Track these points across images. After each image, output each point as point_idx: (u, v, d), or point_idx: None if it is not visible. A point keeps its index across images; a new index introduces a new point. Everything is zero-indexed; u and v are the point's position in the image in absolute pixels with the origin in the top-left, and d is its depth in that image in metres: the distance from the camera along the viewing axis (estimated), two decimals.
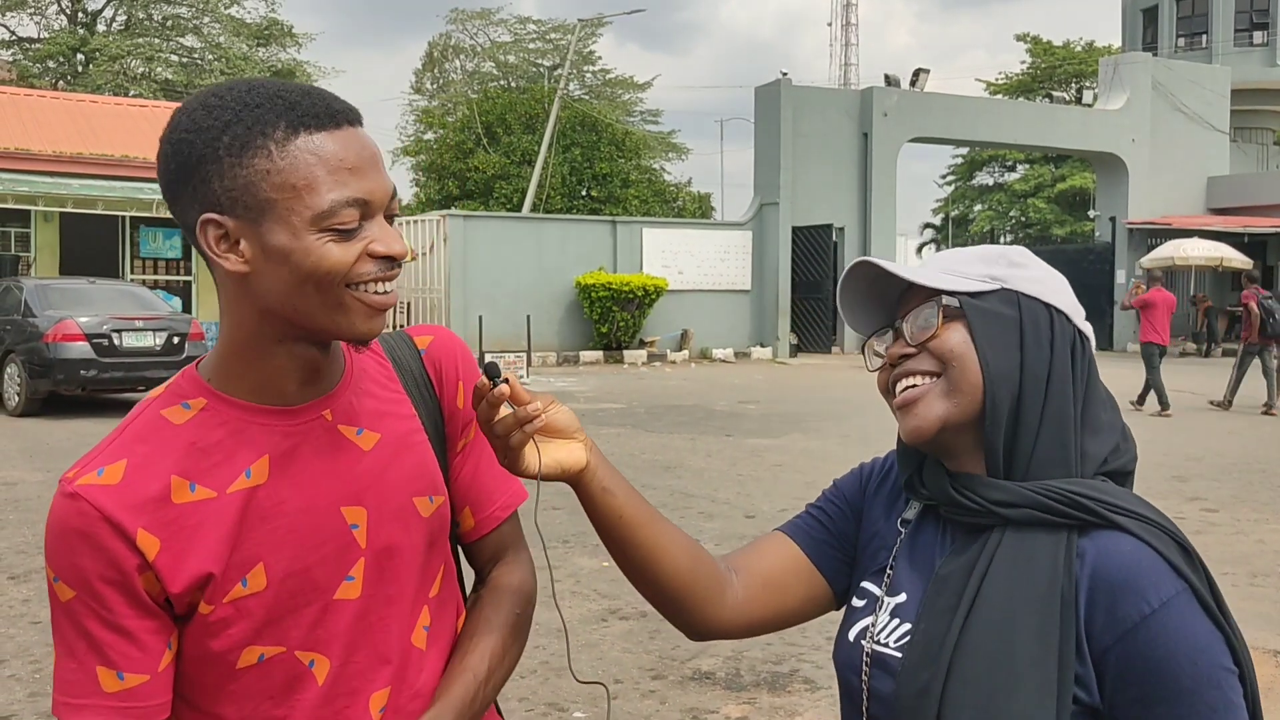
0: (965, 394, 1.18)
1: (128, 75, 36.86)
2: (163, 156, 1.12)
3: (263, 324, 1.13)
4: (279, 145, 1.07)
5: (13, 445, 11.05)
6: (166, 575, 1.11)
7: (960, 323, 1.20)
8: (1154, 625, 1.06)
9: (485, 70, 43.66)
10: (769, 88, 25.15)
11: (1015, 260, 1.24)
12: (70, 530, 1.09)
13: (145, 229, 21.12)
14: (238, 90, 1.10)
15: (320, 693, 1.18)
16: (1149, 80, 28.56)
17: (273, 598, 1.14)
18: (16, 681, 4.56)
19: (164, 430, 1.15)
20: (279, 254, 1.08)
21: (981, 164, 52.27)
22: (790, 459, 10.45)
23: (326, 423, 1.20)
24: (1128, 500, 1.15)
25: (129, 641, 1.11)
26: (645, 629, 5.27)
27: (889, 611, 1.22)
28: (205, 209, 1.09)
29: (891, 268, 1.23)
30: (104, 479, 1.11)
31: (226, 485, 1.13)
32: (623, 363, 22.47)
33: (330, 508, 1.18)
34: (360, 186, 1.09)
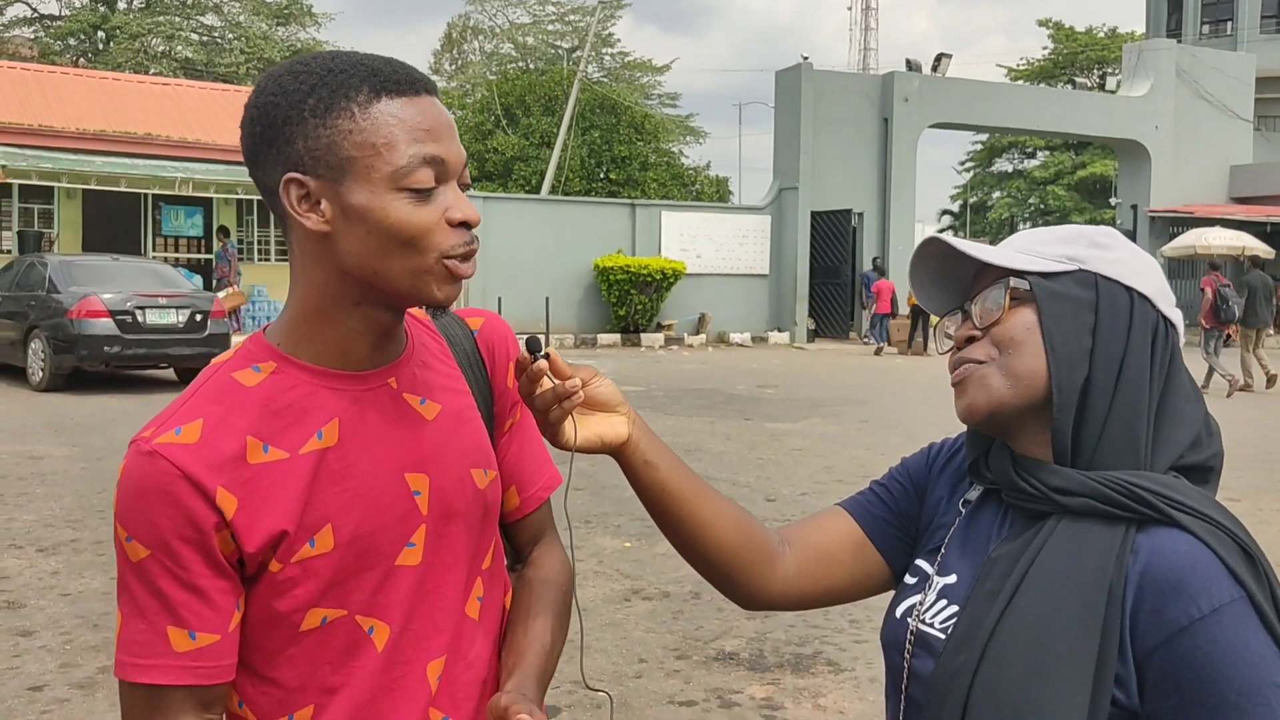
0: (1022, 379, 1.14)
1: (148, 53, 36.94)
2: (248, 120, 1.15)
3: (341, 286, 1.16)
4: (361, 107, 1.11)
5: (38, 420, 11.15)
6: (243, 533, 1.12)
7: (1029, 306, 1.16)
8: (1201, 631, 1.01)
9: (504, 52, 43.59)
10: (790, 72, 25.05)
11: (1098, 241, 1.19)
12: (148, 488, 1.10)
13: (167, 207, 21.22)
14: (322, 59, 1.15)
15: (379, 660, 1.19)
16: (1173, 67, 28.32)
17: (338, 560, 1.16)
18: (47, 652, 4.62)
19: (236, 392, 1.16)
20: (358, 212, 1.11)
21: (1001, 150, 51.94)
22: (809, 443, 10.46)
23: (392, 390, 1.21)
24: (1193, 498, 1.09)
25: (202, 601, 1.11)
26: (669, 609, 5.30)
27: (937, 591, 1.21)
28: (288, 169, 1.12)
29: (961, 246, 1.19)
30: (182, 438, 1.11)
31: (299, 446, 1.15)
32: (640, 346, 22.48)
33: (395, 473, 1.19)
34: (436, 147, 1.13)
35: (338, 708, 1.18)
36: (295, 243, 1.17)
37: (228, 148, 21.31)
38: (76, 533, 6.60)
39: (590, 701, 4.17)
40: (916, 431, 11.32)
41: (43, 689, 4.24)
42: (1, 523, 6.82)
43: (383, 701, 1.19)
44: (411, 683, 1.21)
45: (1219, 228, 26.40)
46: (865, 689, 4.36)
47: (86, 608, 5.21)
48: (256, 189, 1.19)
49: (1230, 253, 26.30)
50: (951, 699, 1.09)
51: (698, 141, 43.98)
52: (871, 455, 9.83)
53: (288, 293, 1.22)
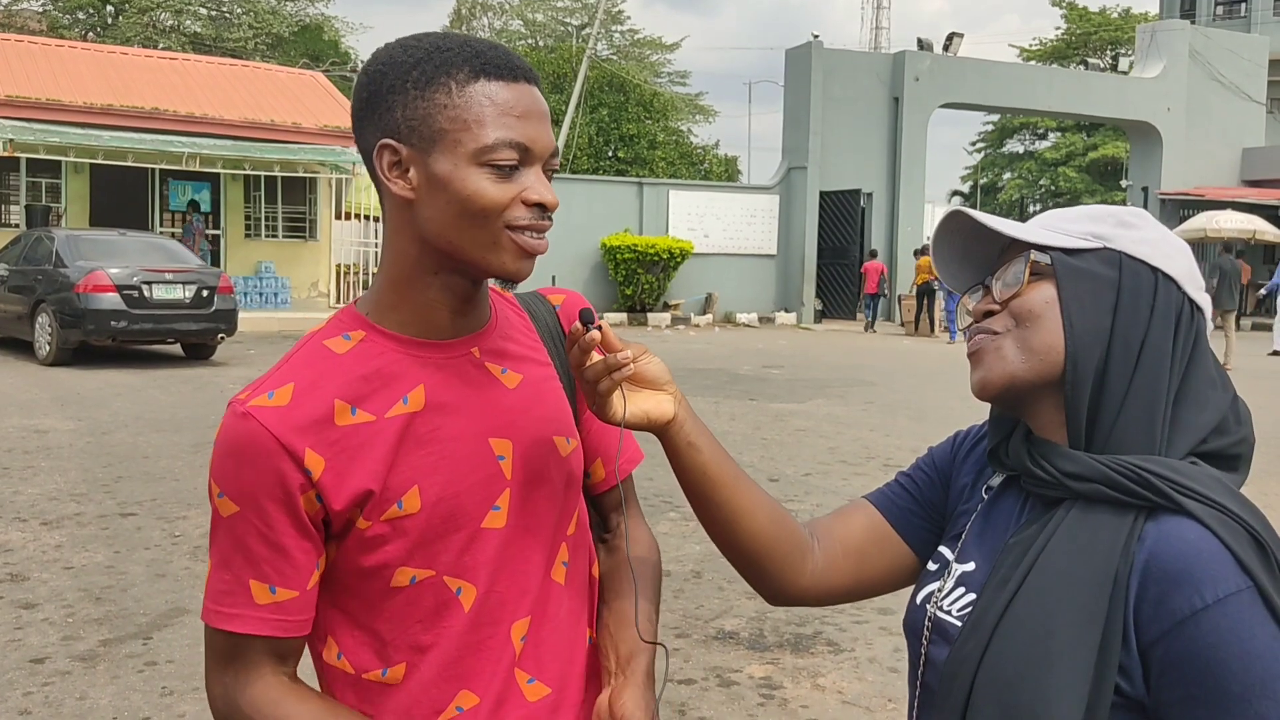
0: (1037, 353, 1.13)
1: (156, 28, 36.86)
2: (358, 86, 1.23)
3: (422, 253, 1.21)
4: (459, 85, 1.17)
5: (44, 394, 11.18)
6: (330, 492, 1.17)
7: (1049, 281, 1.14)
8: (1205, 622, 0.98)
9: (513, 29, 43.42)
10: (800, 50, 24.91)
11: (1127, 220, 1.16)
12: (240, 447, 1.16)
13: (174, 182, 21.20)
14: (433, 37, 1.22)
15: (466, 620, 1.23)
16: (1186, 49, 28.12)
17: (425, 521, 1.20)
18: (50, 625, 4.64)
19: (327, 359, 1.21)
20: (440, 182, 1.17)
21: (1012, 131, 51.66)
22: (814, 424, 10.45)
23: (475, 359, 1.26)
24: (1205, 484, 1.05)
25: (284, 558, 1.17)
26: (669, 588, 5.31)
27: (955, 579, 1.20)
28: (384, 135, 1.18)
29: (985, 220, 1.17)
30: (274, 401, 1.17)
31: (385, 410, 1.20)
32: (647, 325, 22.46)
33: (479, 438, 1.23)
34: (523, 132, 1.17)
35: (428, 666, 1.22)
36: (386, 211, 1.23)
37: (236, 122, 21.28)
38: (81, 506, 6.63)
39: None
40: (923, 413, 11.30)
41: (44, 661, 4.26)
42: (6, 496, 6.85)
43: (469, 660, 1.23)
44: (496, 644, 1.24)
45: (1230, 211, 26.26)
46: (864, 669, 4.37)
47: (89, 581, 5.24)
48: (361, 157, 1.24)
49: (1241, 236, 26.18)
50: (957, 686, 1.08)
51: (707, 120, 43.93)
52: (876, 436, 9.82)
53: (379, 264, 1.27)
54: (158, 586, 5.16)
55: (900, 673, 4.32)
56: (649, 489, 7.22)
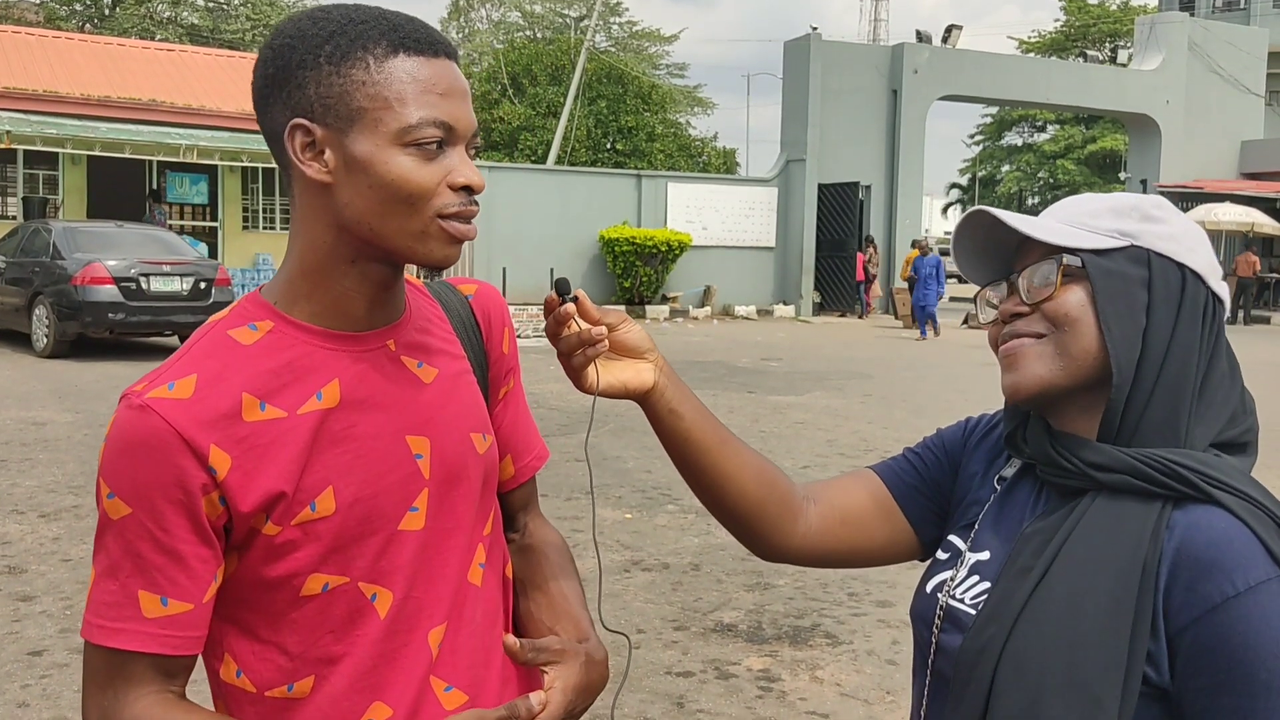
0: (1074, 359, 1.13)
1: (154, 19, 36.76)
2: (261, 61, 1.14)
3: (339, 241, 1.14)
4: (378, 60, 1.10)
5: (42, 386, 11.17)
6: (236, 493, 1.08)
7: (1081, 284, 1.13)
8: (1236, 610, 0.99)
9: (511, 20, 43.31)
10: (798, 43, 24.86)
11: (1150, 214, 1.16)
12: (136, 443, 1.07)
13: (172, 174, 21.15)
14: (344, 9, 1.14)
15: (381, 627, 1.16)
16: (1185, 41, 28.08)
17: (340, 523, 1.13)
18: (48, 618, 4.64)
19: (233, 349, 1.13)
20: (361, 164, 1.10)
21: (1011, 124, 51.61)
22: (812, 416, 10.45)
23: (390, 352, 1.19)
24: (1232, 476, 1.07)
25: (179, 566, 1.08)
26: (668, 580, 5.31)
27: (969, 568, 1.19)
28: (296, 114, 1.11)
29: (1011, 220, 1.16)
30: (175, 393, 1.08)
31: (297, 406, 1.12)
32: (645, 318, 22.44)
33: (397, 436, 1.17)
34: (447, 110, 1.11)
35: (339, 677, 1.15)
36: (296, 195, 1.15)
37: (233, 114, 21.23)
38: (79, 499, 6.62)
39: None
40: (921, 406, 11.30)
41: (42, 654, 4.26)
42: (4, 488, 6.84)
43: (383, 670, 1.17)
44: (412, 651, 1.18)
45: (1229, 203, 26.26)
46: (863, 661, 4.37)
47: (87, 574, 5.21)
48: (264, 137, 1.17)
49: (1239, 228, 26.18)
50: (979, 674, 1.08)
51: (705, 112, 43.74)
52: (874, 429, 9.82)
53: (286, 250, 1.19)
54: None
55: (899, 665, 4.32)
56: (647, 482, 7.20)
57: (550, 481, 7.24)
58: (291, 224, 1.18)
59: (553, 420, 9.62)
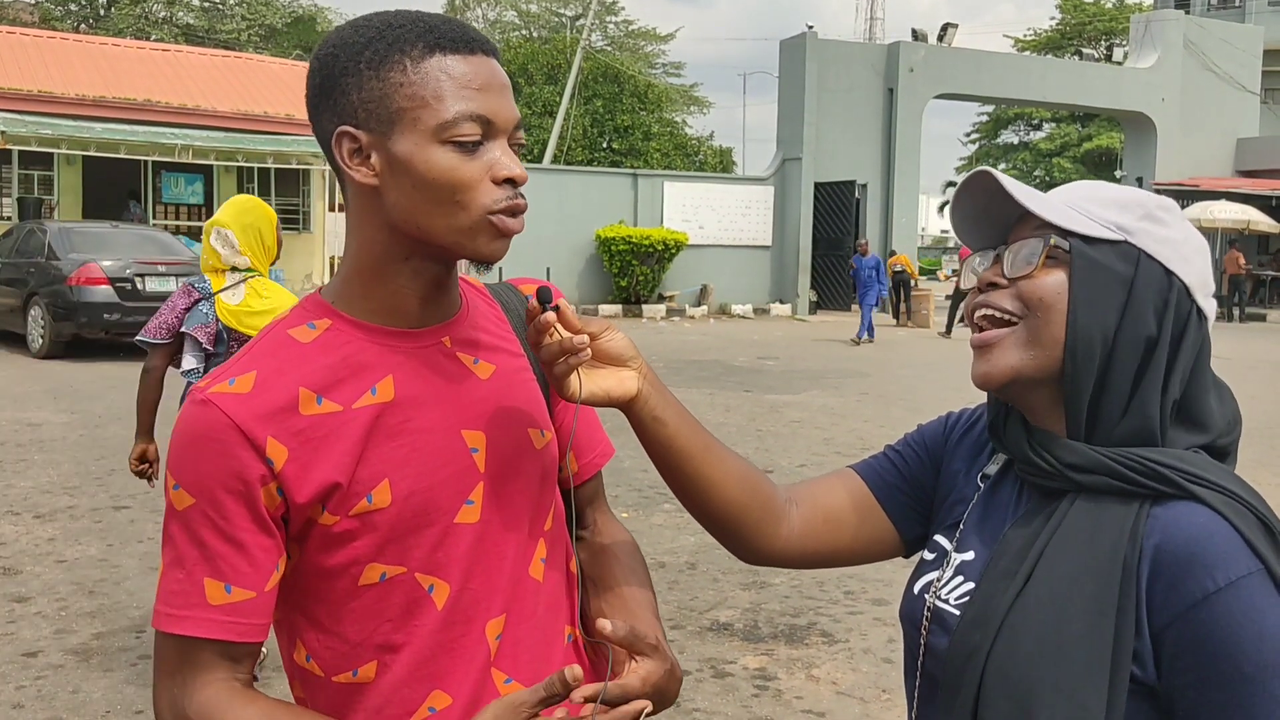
0: (1045, 348, 1.11)
1: (149, 19, 36.72)
2: (310, 73, 1.18)
3: (391, 240, 1.16)
4: (414, 61, 1.12)
5: (37, 387, 11.15)
6: (293, 484, 1.12)
7: (1063, 269, 1.11)
8: (1218, 604, 0.98)
9: (507, 19, 43.31)
10: (794, 41, 24.86)
11: (1154, 214, 1.13)
12: (199, 436, 1.11)
13: (167, 174, 21.14)
14: (384, 15, 1.17)
15: (439, 618, 1.18)
16: (1180, 39, 28.10)
17: (396, 515, 1.15)
18: (43, 619, 4.63)
19: (291, 347, 1.17)
20: (403, 163, 1.12)
21: (1007, 122, 51.63)
22: (809, 415, 10.45)
23: (446, 348, 1.22)
24: (1212, 472, 1.06)
25: (241, 554, 1.11)
26: (663, 579, 5.31)
27: (954, 568, 1.19)
28: (341, 121, 1.14)
29: (1011, 187, 1.13)
30: (235, 388, 1.12)
31: (353, 400, 1.15)
32: (642, 317, 22.44)
33: (452, 430, 1.19)
34: (484, 104, 1.13)
35: (400, 665, 1.18)
36: (350, 198, 1.18)
37: (228, 114, 21.22)
38: (74, 499, 6.61)
39: None
40: (918, 404, 11.30)
41: (37, 655, 4.25)
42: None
43: (442, 660, 1.19)
44: (470, 642, 1.20)
45: (1224, 201, 26.30)
46: (859, 660, 4.37)
47: (82, 574, 5.22)
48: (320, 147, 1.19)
49: (1235, 226, 26.21)
50: (967, 678, 1.08)
51: (701, 111, 43.77)
52: (871, 427, 9.82)
53: (344, 251, 1.23)
54: (150, 580, 5.13)
55: (895, 663, 4.32)
56: (643, 481, 7.19)
57: None
58: (347, 225, 1.21)
59: None
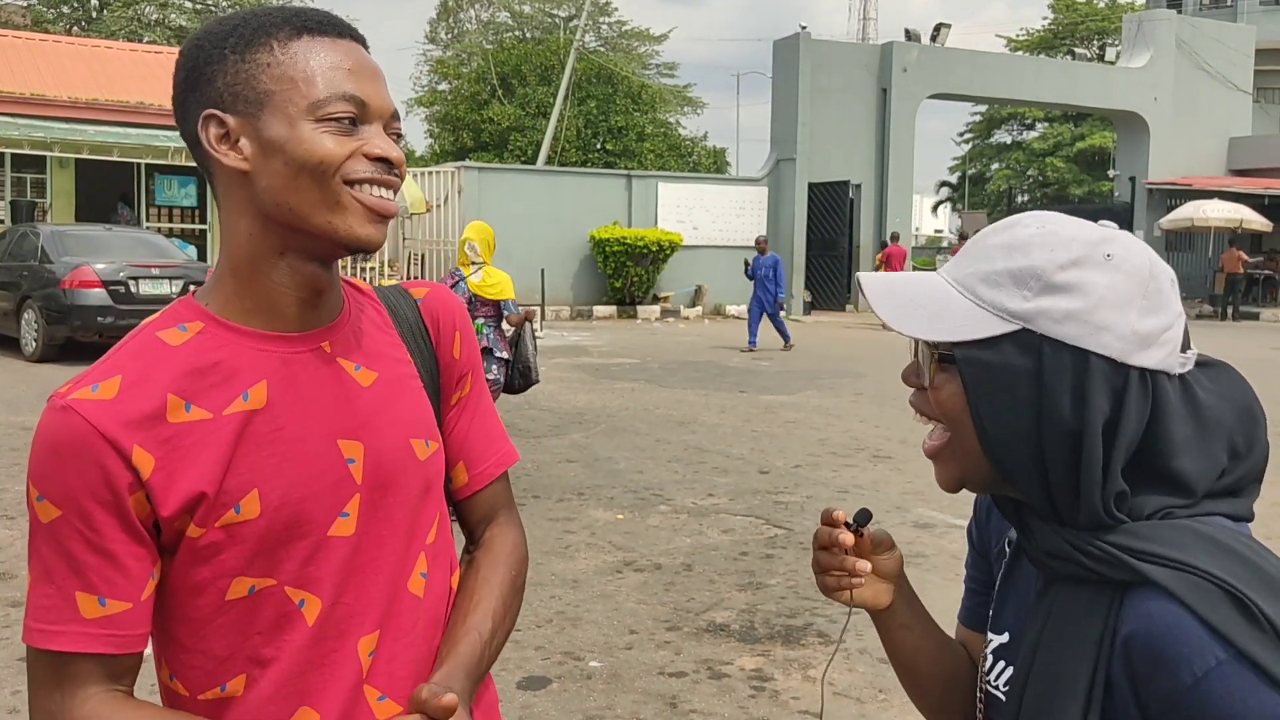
0: (971, 458, 1.06)
1: (141, 21, 36.65)
2: (176, 69, 1.16)
3: (264, 232, 1.13)
4: (281, 43, 1.12)
5: (30, 391, 11.12)
6: (159, 495, 1.07)
7: (956, 375, 1.04)
8: (1192, 700, 0.95)
9: (500, 20, 43.27)
10: (787, 41, 24.88)
11: (1054, 281, 1.00)
12: (61, 445, 1.06)
13: (161, 177, 21.08)
14: (252, 9, 1.18)
15: (309, 634, 1.14)
16: (1173, 38, 28.16)
17: (265, 527, 1.11)
18: None
19: (159, 350, 1.12)
20: (275, 145, 1.10)
21: (1000, 122, 51.71)
22: (804, 416, 10.45)
23: (325, 354, 1.18)
24: (1174, 545, 0.99)
25: (113, 566, 1.07)
26: (660, 581, 5.31)
27: (993, 652, 1.18)
28: (207, 106, 1.12)
29: (877, 304, 1.07)
30: (98, 394, 1.07)
31: (223, 407, 1.11)
32: (636, 318, 22.44)
33: (327, 439, 1.15)
34: (356, 86, 1.12)
35: (268, 681, 1.14)
36: (219, 191, 1.15)
37: None
38: None
39: (580, 673, 4.18)
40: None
41: None
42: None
43: (311, 677, 1.15)
44: (341, 659, 1.16)
45: (1217, 200, 26.35)
46: (855, 660, 4.37)
47: None
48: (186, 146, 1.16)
49: (1228, 225, 26.26)
50: None
51: (695, 112, 43.79)
52: (866, 428, 9.83)
53: (218, 253, 1.19)
54: None
55: (890, 663, 4.32)
56: (640, 482, 7.19)
57: (543, 483, 7.24)
58: (220, 224, 1.16)
59: (544, 421, 9.62)
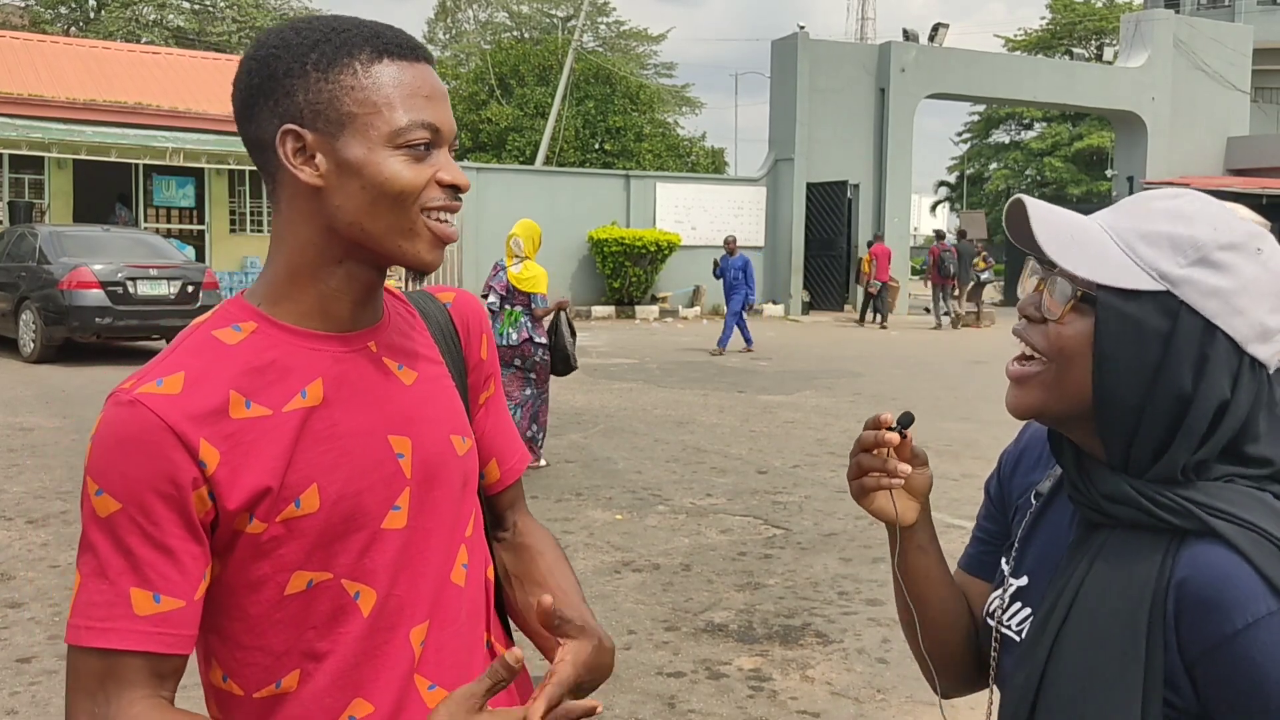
0: (1067, 393, 1.09)
1: (139, 22, 36.63)
2: (245, 71, 1.16)
3: (328, 243, 1.16)
4: (364, 65, 1.14)
5: (29, 392, 11.12)
6: (224, 489, 1.09)
7: (1090, 318, 1.07)
8: (1239, 645, 0.98)
9: (498, 20, 43.29)
10: (785, 41, 24.89)
11: (1211, 258, 1.05)
12: (127, 438, 1.06)
13: (159, 178, 21.07)
14: (324, 19, 1.18)
15: (365, 625, 1.17)
16: (1170, 38, 28.18)
17: (324, 520, 1.14)
18: (36, 624, 4.61)
19: (218, 348, 1.14)
20: (353, 167, 1.13)
21: (998, 121, 51.71)
22: (802, 415, 10.46)
23: (372, 353, 1.21)
24: (1241, 505, 1.03)
25: (170, 562, 1.07)
26: (658, 581, 5.31)
27: (1011, 594, 1.20)
28: (285, 120, 1.13)
29: (1039, 226, 1.09)
30: (164, 389, 1.09)
31: (282, 404, 1.14)
32: (635, 318, 22.44)
33: (379, 435, 1.18)
34: (433, 113, 1.16)
35: (323, 674, 1.16)
36: (284, 199, 1.17)
37: (219, 117, 21.15)
38: (67, 505, 6.59)
39: None
40: (911, 405, 11.31)
41: (31, 660, 4.23)
42: None
43: (365, 668, 1.17)
44: (394, 649, 1.19)
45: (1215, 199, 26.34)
46: (853, 660, 4.37)
47: (76, 579, 5.20)
48: (245, 145, 1.19)
49: None
50: (1023, 710, 1.11)
51: (693, 112, 43.81)
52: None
53: (268, 255, 1.21)
54: None
55: (889, 663, 4.33)
56: (638, 483, 7.19)
57: (541, 483, 7.24)
58: (276, 228, 1.19)
59: None
